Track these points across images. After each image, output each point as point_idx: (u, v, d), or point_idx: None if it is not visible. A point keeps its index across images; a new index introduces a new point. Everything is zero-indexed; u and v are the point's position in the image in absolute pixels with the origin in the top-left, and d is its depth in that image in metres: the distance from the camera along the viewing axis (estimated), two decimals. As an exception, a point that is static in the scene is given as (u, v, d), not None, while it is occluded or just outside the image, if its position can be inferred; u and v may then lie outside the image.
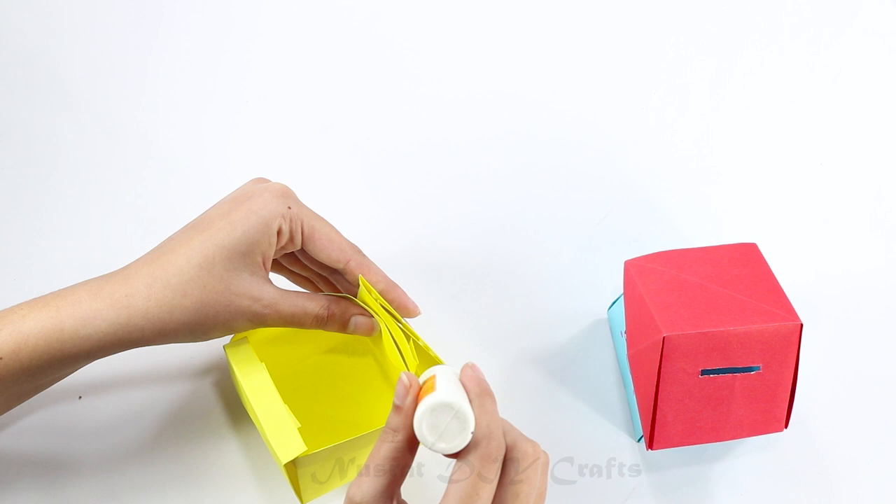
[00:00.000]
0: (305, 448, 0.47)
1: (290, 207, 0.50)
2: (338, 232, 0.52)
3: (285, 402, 0.50)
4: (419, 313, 0.53)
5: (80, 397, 0.57)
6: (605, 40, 0.76)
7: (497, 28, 0.77)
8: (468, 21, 0.77)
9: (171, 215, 0.65)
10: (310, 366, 0.57)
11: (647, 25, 0.77)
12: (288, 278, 0.57)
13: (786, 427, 0.54)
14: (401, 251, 0.65)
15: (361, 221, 0.66)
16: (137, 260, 0.49)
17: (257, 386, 0.49)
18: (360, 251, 0.52)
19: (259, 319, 0.49)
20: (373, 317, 0.53)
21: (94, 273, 0.54)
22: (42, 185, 0.66)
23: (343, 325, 0.53)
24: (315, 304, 0.51)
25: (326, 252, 0.51)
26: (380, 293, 0.52)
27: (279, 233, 0.49)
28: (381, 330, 0.53)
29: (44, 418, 0.55)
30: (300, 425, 0.49)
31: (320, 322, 0.52)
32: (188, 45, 0.74)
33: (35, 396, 0.53)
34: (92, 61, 0.72)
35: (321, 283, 0.56)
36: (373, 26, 0.76)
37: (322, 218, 0.52)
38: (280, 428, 0.48)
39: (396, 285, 0.53)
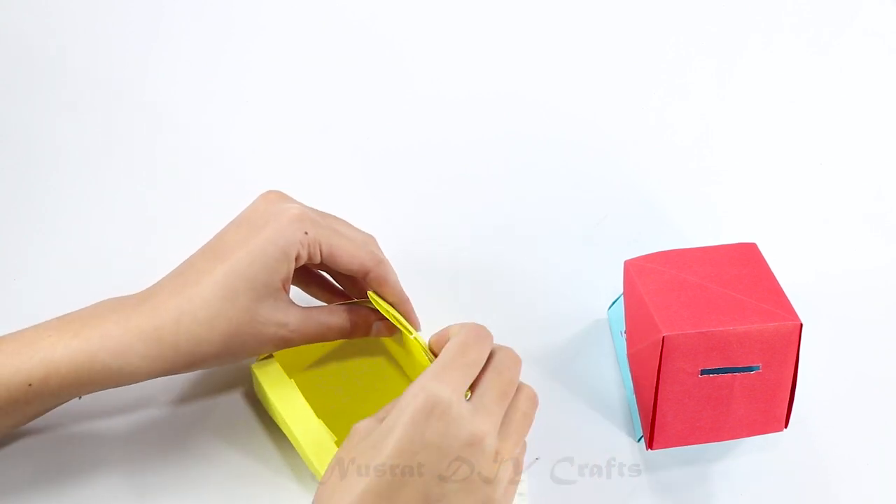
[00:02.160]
0: None
1: (306, 233, 0.49)
2: (356, 242, 0.52)
3: (314, 410, 0.51)
4: (419, 330, 0.55)
5: (79, 397, 0.57)
6: (605, 40, 0.76)
7: (497, 28, 0.77)
8: (468, 21, 0.77)
9: (172, 215, 0.65)
10: (328, 370, 0.57)
11: (647, 25, 0.77)
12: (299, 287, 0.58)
13: (786, 427, 0.54)
14: (400, 251, 0.64)
15: (361, 221, 0.66)
16: (160, 286, 0.50)
17: (291, 405, 0.51)
18: (379, 261, 0.52)
19: (286, 342, 0.50)
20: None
21: (93, 274, 0.55)
22: (42, 186, 0.66)
23: (367, 332, 0.54)
24: (337, 318, 0.52)
25: (346, 268, 0.51)
26: (392, 305, 0.53)
27: (297, 258, 0.50)
28: (402, 332, 0.54)
29: (44, 418, 0.55)
30: (336, 439, 0.50)
31: (344, 333, 0.53)
32: (188, 44, 0.74)
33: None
34: (91, 61, 0.72)
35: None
36: (373, 26, 0.76)
37: (339, 231, 0.52)
38: (319, 448, 0.50)
39: (407, 300, 0.54)
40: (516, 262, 0.64)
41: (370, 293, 0.52)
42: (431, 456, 0.42)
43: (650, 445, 0.53)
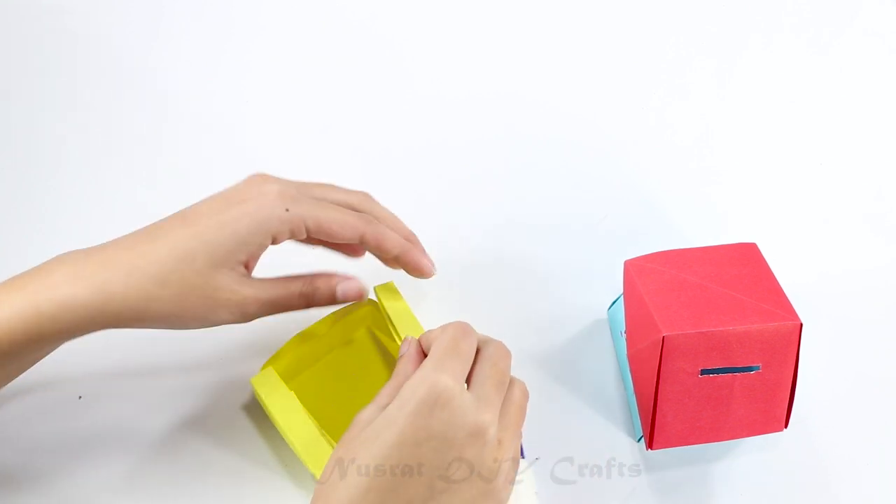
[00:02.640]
0: None
1: (287, 209, 0.49)
2: (342, 210, 0.51)
3: (313, 412, 0.52)
4: (434, 273, 0.54)
5: (80, 397, 0.57)
6: (605, 40, 0.76)
7: (497, 28, 0.77)
8: (468, 21, 0.77)
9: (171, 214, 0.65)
10: (327, 372, 0.57)
11: (647, 25, 0.77)
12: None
13: (786, 427, 0.54)
14: (401, 251, 0.65)
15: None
16: (116, 241, 0.49)
17: (290, 416, 0.51)
18: (368, 221, 0.52)
19: (241, 310, 0.49)
20: (355, 279, 0.53)
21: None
22: (42, 186, 0.66)
23: (331, 296, 0.52)
24: (298, 282, 0.51)
25: (339, 236, 0.51)
26: (395, 259, 0.53)
27: (276, 236, 0.49)
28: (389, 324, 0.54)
29: (44, 418, 0.55)
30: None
31: (307, 299, 0.51)
32: (188, 44, 0.74)
33: (35, 396, 0.53)
34: (91, 60, 0.72)
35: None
36: (373, 26, 0.76)
37: (324, 202, 0.51)
38: (320, 457, 0.50)
39: (411, 247, 0.53)
40: (516, 263, 0.64)
41: (376, 289, 0.52)
42: (436, 446, 0.42)
43: (650, 445, 0.53)
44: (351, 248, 0.57)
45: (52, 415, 0.56)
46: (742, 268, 0.55)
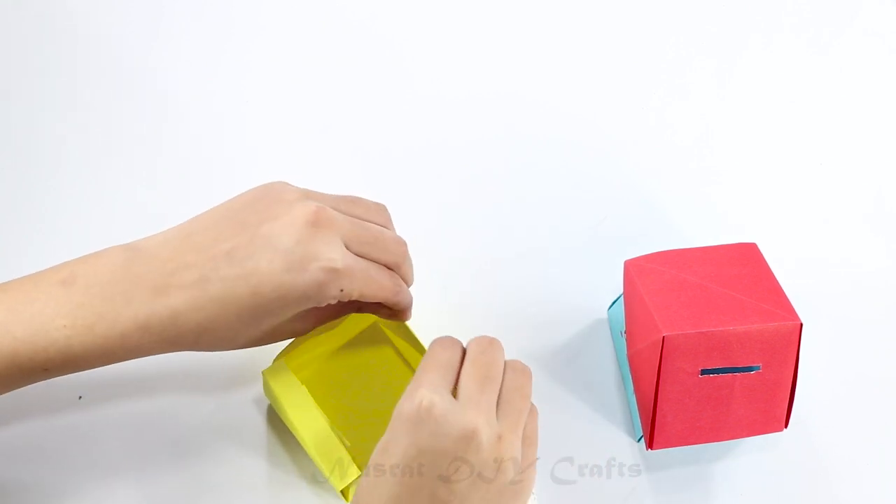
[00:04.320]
0: (358, 473, 0.49)
1: (342, 290, 0.47)
2: (382, 275, 0.50)
3: (324, 405, 0.51)
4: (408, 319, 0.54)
5: (80, 397, 0.57)
6: (605, 40, 0.76)
7: (497, 28, 0.77)
8: (468, 21, 0.77)
9: (172, 214, 0.65)
10: (338, 366, 0.57)
11: (647, 25, 0.77)
12: None
13: (786, 427, 0.54)
14: (401, 251, 0.64)
15: (361, 221, 0.66)
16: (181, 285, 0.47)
17: (301, 411, 0.51)
18: (399, 286, 0.51)
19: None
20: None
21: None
22: (42, 186, 0.66)
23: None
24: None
25: (375, 293, 0.50)
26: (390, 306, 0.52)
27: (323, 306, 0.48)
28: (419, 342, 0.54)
29: (44, 418, 0.55)
30: (348, 443, 0.51)
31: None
32: (188, 44, 0.74)
33: (35, 396, 0.52)
34: (91, 60, 0.72)
35: None
36: (373, 26, 0.76)
37: (372, 275, 0.49)
38: (329, 453, 0.50)
39: (410, 300, 0.53)
40: (516, 263, 0.64)
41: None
42: (431, 458, 0.42)
43: (650, 445, 0.53)
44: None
45: (52, 415, 0.56)
46: (742, 268, 0.54)
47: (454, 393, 0.44)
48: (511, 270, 0.64)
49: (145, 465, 0.55)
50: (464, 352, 0.47)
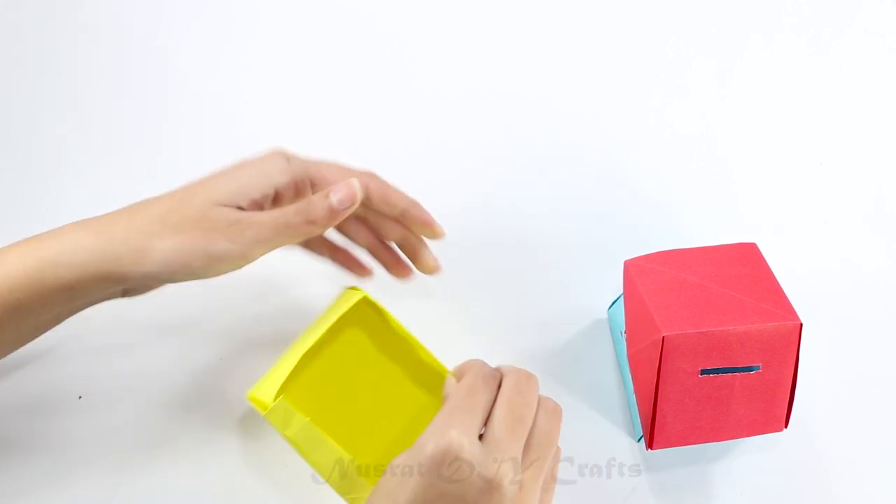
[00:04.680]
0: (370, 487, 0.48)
1: (288, 161, 0.50)
2: (345, 167, 0.52)
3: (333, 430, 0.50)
4: (443, 233, 0.54)
5: (80, 397, 0.57)
6: (606, 40, 0.76)
7: (497, 28, 0.77)
8: (468, 21, 0.77)
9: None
10: (340, 389, 0.55)
11: (647, 25, 0.77)
12: (327, 256, 0.57)
13: (786, 427, 0.54)
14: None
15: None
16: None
17: (311, 447, 0.49)
18: (374, 175, 0.52)
19: (240, 235, 0.48)
20: (344, 183, 0.51)
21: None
22: (43, 186, 0.66)
23: (329, 208, 0.50)
24: (292, 205, 0.50)
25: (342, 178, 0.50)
26: (402, 213, 0.52)
27: (279, 189, 0.49)
28: (404, 337, 0.53)
29: (44, 418, 0.55)
30: (358, 463, 0.50)
31: (304, 214, 0.49)
32: (188, 44, 0.74)
33: (35, 396, 0.52)
34: (92, 60, 0.72)
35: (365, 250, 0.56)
36: (373, 26, 0.76)
37: (327, 161, 0.52)
38: (346, 484, 0.49)
39: (418, 203, 0.53)
40: (516, 262, 0.65)
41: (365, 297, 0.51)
42: (450, 503, 0.41)
43: (650, 445, 0.53)
44: (359, 267, 0.57)
45: (52, 415, 0.56)
46: (742, 268, 0.55)
47: (483, 433, 0.44)
48: (511, 270, 0.64)
49: (145, 464, 0.55)
50: (499, 384, 0.46)
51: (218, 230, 0.47)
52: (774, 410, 0.53)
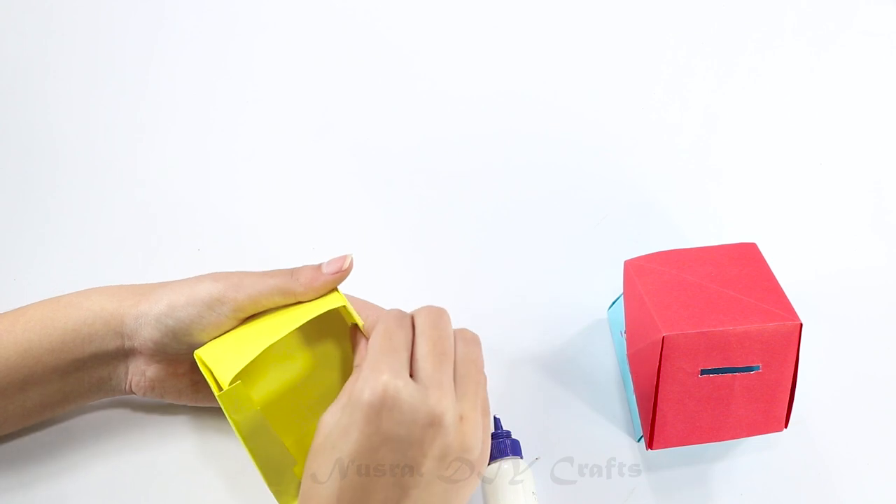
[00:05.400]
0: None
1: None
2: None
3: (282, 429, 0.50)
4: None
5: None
6: (606, 40, 0.76)
7: (497, 27, 0.77)
8: (468, 21, 0.77)
9: (172, 215, 0.65)
10: (291, 389, 0.55)
11: (647, 25, 0.77)
12: None
13: (786, 427, 0.54)
14: (400, 250, 0.65)
15: (360, 220, 0.66)
16: None
17: (252, 432, 0.48)
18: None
19: (224, 276, 0.49)
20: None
21: (93, 273, 0.55)
22: (43, 186, 0.66)
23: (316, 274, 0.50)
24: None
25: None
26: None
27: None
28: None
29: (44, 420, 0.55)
30: (297, 462, 0.49)
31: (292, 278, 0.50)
32: (190, 45, 0.74)
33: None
34: (93, 62, 0.73)
35: None
36: (374, 26, 0.76)
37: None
38: (276, 477, 0.48)
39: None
40: (516, 262, 0.64)
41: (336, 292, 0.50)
42: (395, 447, 0.41)
43: (650, 445, 0.53)
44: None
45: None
46: (742, 268, 0.54)
47: (410, 372, 0.44)
48: (511, 270, 0.64)
49: (145, 464, 0.55)
50: (412, 324, 0.46)
51: (207, 276, 0.49)
52: (774, 410, 0.53)
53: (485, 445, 0.45)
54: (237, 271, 0.50)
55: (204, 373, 0.48)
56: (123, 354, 0.50)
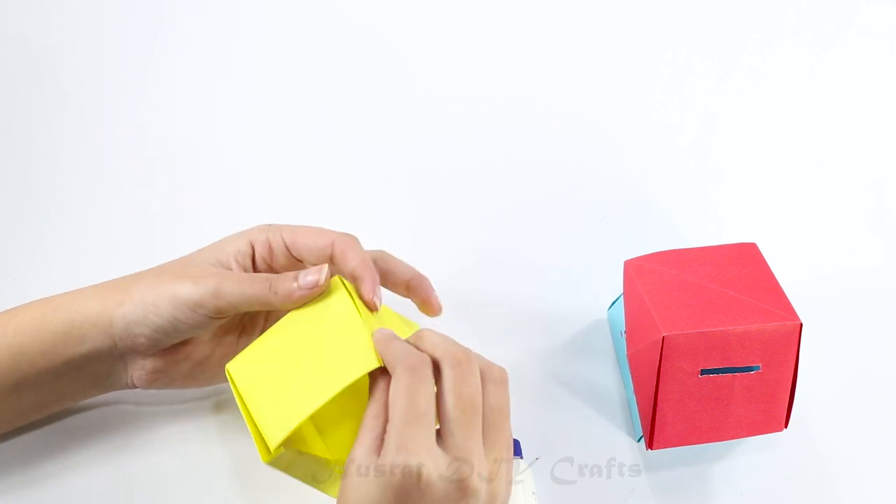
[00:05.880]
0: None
1: (269, 228, 0.51)
2: (317, 228, 0.52)
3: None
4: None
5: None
6: (606, 40, 0.76)
7: (497, 27, 0.77)
8: (468, 21, 0.77)
9: (173, 215, 0.65)
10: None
11: (647, 25, 0.77)
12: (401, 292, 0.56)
13: (786, 427, 0.54)
14: (400, 251, 0.64)
15: (360, 220, 0.66)
16: None
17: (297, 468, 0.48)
18: (346, 235, 0.51)
19: (204, 278, 0.48)
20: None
21: (94, 273, 0.55)
22: (43, 186, 0.66)
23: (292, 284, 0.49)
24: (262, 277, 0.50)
25: (313, 241, 0.50)
26: (351, 272, 0.49)
27: (254, 242, 0.50)
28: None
29: (43, 420, 0.55)
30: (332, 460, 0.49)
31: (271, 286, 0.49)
32: (190, 45, 0.74)
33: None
34: (94, 62, 0.72)
35: None
36: (374, 26, 0.76)
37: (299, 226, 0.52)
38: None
39: (371, 267, 0.50)
40: (516, 263, 0.64)
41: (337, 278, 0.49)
42: None
43: (650, 445, 0.53)
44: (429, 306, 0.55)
45: (52, 417, 0.56)
46: (742, 268, 0.54)
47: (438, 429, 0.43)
48: (511, 270, 0.64)
49: (145, 464, 0.55)
50: (432, 366, 0.44)
51: (189, 276, 0.49)
52: (774, 410, 0.53)
53: (509, 486, 0.45)
54: (217, 270, 0.49)
55: (233, 388, 0.47)
56: (119, 353, 0.50)
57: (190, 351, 0.52)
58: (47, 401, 0.51)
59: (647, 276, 0.54)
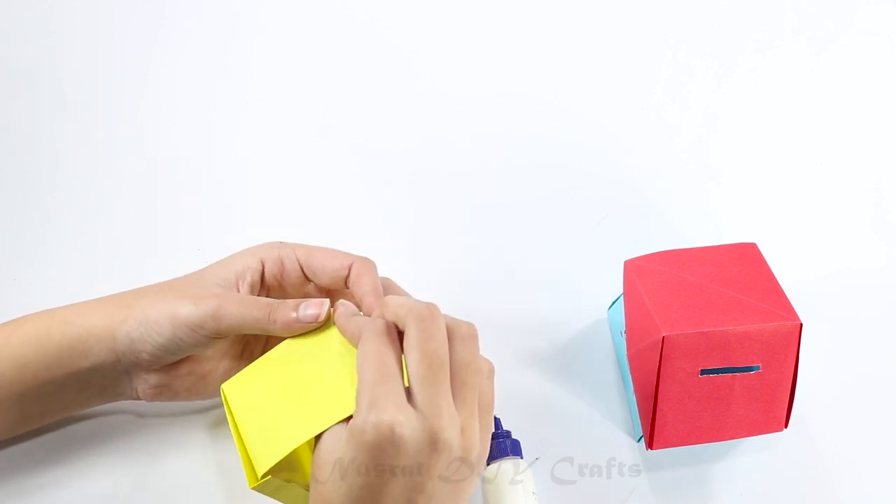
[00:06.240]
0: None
1: (280, 246, 0.51)
2: (333, 250, 0.52)
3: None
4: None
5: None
6: (606, 39, 0.76)
7: (497, 27, 0.77)
8: (468, 21, 0.77)
9: (173, 215, 0.65)
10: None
11: (647, 25, 0.77)
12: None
13: (786, 427, 0.54)
14: (399, 251, 0.65)
15: (360, 220, 0.66)
16: None
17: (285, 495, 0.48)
18: (363, 258, 0.51)
19: (205, 299, 0.48)
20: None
21: (94, 273, 0.55)
22: (43, 186, 0.66)
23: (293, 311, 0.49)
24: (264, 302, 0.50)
25: (329, 262, 0.50)
26: (360, 298, 0.50)
27: (265, 261, 0.51)
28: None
29: (46, 427, 0.55)
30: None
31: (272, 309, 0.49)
32: (190, 45, 0.74)
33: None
34: (94, 62, 0.73)
35: None
36: (374, 26, 0.76)
37: (315, 246, 0.52)
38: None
39: (379, 297, 0.49)
40: (516, 263, 0.64)
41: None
42: (400, 473, 0.41)
43: (650, 445, 0.53)
44: None
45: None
46: (742, 268, 0.55)
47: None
48: (511, 270, 0.64)
49: (144, 465, 0.55)
50: (401, 334, 0.44)
51: (190, 297, 0.49)
52: (774, 410, 0.53)
53: (483, 443, 0.45)
54: (219, 292, 0.49)
55: (226, 409, 0.47)
56: (123, 367, 0.50)
57: (193, 366, 0.52)
58: (51, 410, 0.52)
59: (647, 276, 0.55)
